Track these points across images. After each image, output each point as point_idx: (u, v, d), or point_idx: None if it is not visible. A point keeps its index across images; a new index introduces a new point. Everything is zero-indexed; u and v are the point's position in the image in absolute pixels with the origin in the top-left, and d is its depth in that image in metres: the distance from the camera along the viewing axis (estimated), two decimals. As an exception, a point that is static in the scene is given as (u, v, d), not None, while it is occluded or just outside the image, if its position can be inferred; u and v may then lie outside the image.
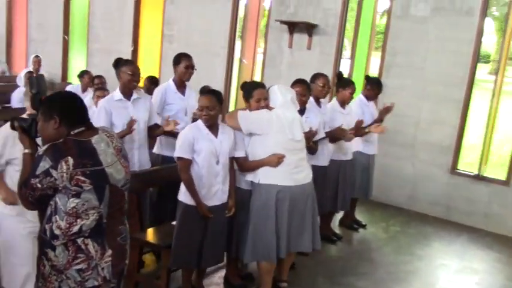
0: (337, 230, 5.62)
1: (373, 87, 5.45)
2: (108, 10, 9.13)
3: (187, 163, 3.51)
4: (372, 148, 5.52)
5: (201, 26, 8.13)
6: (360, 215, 6.05)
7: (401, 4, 6.55)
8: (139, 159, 4.18)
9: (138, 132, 4.12)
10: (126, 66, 4.06)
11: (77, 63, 9.76)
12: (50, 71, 8.65)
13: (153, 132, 4.33)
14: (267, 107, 3.73)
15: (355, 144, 5.19)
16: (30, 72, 6.58)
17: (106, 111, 4.01)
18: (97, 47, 9.29)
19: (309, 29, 7.07)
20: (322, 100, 4.80)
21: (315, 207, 3.89)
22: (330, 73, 6.89)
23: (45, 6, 9.95)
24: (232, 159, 3.71)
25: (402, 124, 6.59)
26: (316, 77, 4.71)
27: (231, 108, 8.04)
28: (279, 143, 3.63)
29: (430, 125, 6.51)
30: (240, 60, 7.94)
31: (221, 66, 7.98)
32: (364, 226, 5.88)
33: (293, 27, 7.19)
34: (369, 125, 5.21)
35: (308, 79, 4.56)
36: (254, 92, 3.73)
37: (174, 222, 3.72)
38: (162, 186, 4.44)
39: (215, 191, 3.61)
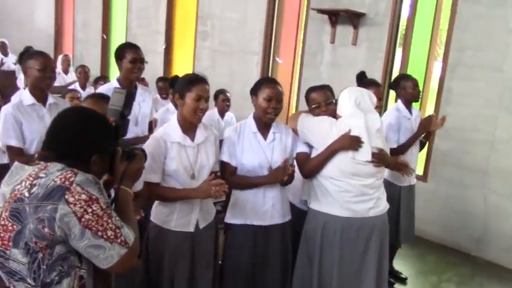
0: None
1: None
2: (144, 6, 8.29)
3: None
4: (405, 177, 3.70)
5: (235, 20, 7.00)
6: (404, 262, 4.55)
7: (473, -18, 4.91)
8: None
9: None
10: (33, 60, 2.95)
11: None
12: (91, 73, 7.94)
13: None
14: (329, 113, 2.94)
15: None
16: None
17: (16, 121, 2.92)
18: (134, 46, 8.47)
19: (354, 19, 5.63)
20: None
21: (384, 249, 2.96)
22: (379, 74, 5.50)
23: (88, 4, 9.37)
24: None
25: (471, 142, 4.96)
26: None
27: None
28: (334, 162, 2.80)
29: (509, 145, 4.79)
30: (273, 59, 6.64)
31: (257, 65, 6.79)
32: (404, 280, 4.33)
33: (335, 17, 5.80)
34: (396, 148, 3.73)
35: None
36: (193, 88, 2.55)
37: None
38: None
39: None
